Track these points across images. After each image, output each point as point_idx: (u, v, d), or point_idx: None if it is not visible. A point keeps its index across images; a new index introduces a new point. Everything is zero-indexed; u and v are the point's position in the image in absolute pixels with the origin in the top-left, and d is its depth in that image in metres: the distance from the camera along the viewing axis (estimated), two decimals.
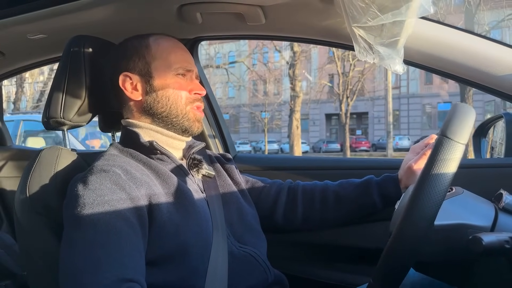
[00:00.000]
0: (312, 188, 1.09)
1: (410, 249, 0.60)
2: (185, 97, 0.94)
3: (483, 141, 1.42)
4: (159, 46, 0.95)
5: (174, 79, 0.94)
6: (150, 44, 0.95)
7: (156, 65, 0.94)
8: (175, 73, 0.94)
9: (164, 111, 0.93)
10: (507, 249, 0.56)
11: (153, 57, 0.94)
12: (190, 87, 0.96)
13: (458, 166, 0.59)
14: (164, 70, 0.94)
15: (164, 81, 0.93)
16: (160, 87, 0.93)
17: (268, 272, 0.95)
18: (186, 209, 0.86)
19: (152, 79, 0.94)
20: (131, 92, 0.94)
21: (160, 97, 0.93)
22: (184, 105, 0.94)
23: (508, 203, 0.68)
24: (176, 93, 0.94)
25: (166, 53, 0.95)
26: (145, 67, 0.94)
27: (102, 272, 0.69)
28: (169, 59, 0.94)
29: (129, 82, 0.94)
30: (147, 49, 0.95)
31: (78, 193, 0.78)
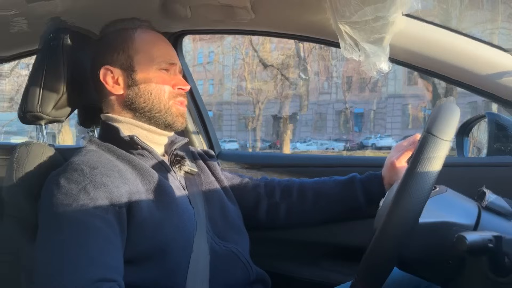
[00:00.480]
0: (289, 184, 1.09)
1: (395, 247, 0.59)
2: (168, 92, 0.92)
3: (466, 140, 1.43)
4: (141, 40, 0.93)
5: (157, 73, 0.92)
6: (132, 37, 0.93)
7: (139, 59, 0.92)
8: (158, 67, 0.92)
9: (146, 106, 0.91)
10: (490, 248, 0.56)
11: (135, 51, 0.92)
12: (173, 81, 0.94)
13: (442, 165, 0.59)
14: (146, 64, 0.92)
15: (147, 75, 0.91)
16: (142, 81, 0.91)
17: (250, 270, 0.94)
18: (167, 206, 0.84)
19: (135, 73, 0.91)
20: (112, 86, 0.92)
21: (142, 91, 0.91)
22: (167, 100, 0.92)
23: (491, 202, 0.68)
24: (159, 87, 0.91)
25: (149, 46, 0.93)
26: (127, 61, 0.92)
27: (78, 272, 0.67)
28: (151, 53, 0.92)
29: (110, 76, 0.92)
30: (129, 43, 0.93)
31: (53, 191, 0.76)
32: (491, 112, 1.25)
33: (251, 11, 1.06)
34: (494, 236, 0.56)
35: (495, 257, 0.59)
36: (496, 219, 0.67)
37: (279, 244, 1.31)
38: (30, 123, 0.98)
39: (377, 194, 0.97)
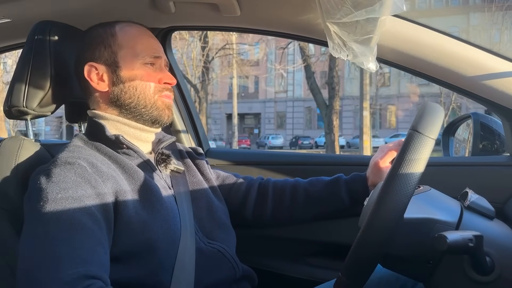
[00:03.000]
0: (283, 185, 1.09)
1: (379, 241, 0.60)
2: (154, 87, 0.91)
3: (451, 140, 1.46)
4: (125, 35, 0.92)
5: (142, 68, 0.91)
6: (116, 33, 0.92)
7: (123, 55, 0.90)
8: (143, 62, 0.91)
9: (132, 102, 0.90)
10: (471, 247, 0.57)
11: (119, 46, 0.91)
12: (159, 76, 0.92)
13: (426, 164, 0.60)
14: (131, 59, 0.90)
15: (132, 71, 0.90)
16: (127, 77, 0.90)
17: (236, 268, 0.94)
18: (153, 205, 0.84)
19: (119, 69, 0.90)
20: (97, 83, 0.91)
21: (128, 87, 0.90)
22: (152, 94, 0.91)
23: (473, 202, 0.70)
24: (144, 83, 0.90)
25: (133, 41, 0.92)
26: (112, 57, 0.90)
27: (63, 268, 0.66)
28: (136, 47, 0.91)
29: (95, 72, 0.91)
30: (113, 38, 0.91)
31: (40, 186, 0.75)
32: (476, 112, 1.27)
33: (237, 8, 1.05)
34: (475, 235, 0.58)
35: (477, 256, 0.60)
36: (477, 218, 0.68)
37: (266, 241, 1.31)
38: (15, 118, 0.97)
39: (361, 195, 0.98)
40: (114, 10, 1.13)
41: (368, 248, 0.61)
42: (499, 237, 0.66)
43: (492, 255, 0.63)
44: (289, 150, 20.76)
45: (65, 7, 1.12)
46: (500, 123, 1.12)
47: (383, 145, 1.03)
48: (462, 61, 0.96)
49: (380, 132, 24.32)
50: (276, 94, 27.83)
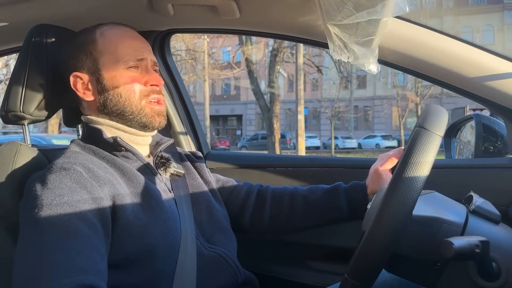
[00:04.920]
0: (281, 192, 1.07)
1: (388, 241, 0.59)
2: (139, 91, 0.89)
3: (453, 141, 1.44)
4: (105, 40, 0.89)
5: (125, 73, 0.88)
6: (96, 39, 0.90)
7: (104, 61, 0.88)
8: (126, 66, 0.88)
9: (119, 109, 0.88)
10: (477, 253, 0.56)
11: (100, 53, 0.89)
12: (144, 79, 0.90)
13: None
14: (113, 65, 0.88)
15: (114, 77, 0.88)
16: (111, 85, 0.88)
17: (238, 273, 0.93)
18: (153, 209, 0.83)
19: (102, 77, 0.88)
20: (83, 92, 0.90)
21: (112, 95, 0.88)
22: (139, 100, 0.89)
23: (478, 206, 0.69)
24: (128, 88, 0.88)
25: (113, 46, 0.89)
26: (94, 65, 0.89)
27: (59, 278, 0.65)
28: (116, 52, 0.88)
29: (80, 82, 0.89)
30: (93, 45, 0.89)
31: (35, 193, 0.74)
32: (478, 113, 1.25)
33: (237, 10, 1.04)
34: (481, 241, 0.56)
35: (483, 262, 0.59)
36: (483, 223, 0.67)
37: (267, 246, 1.30)
38: (12, 123, 0.96)
39: (360, 203, 0.97)
40: (111, 13, 1.12)
41: (376, 248, 0.60)
42: (506, 242, 0.65)
43: (499, 261, 0.61)
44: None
45: (62, 11, 1.10)
46: (503, 124, 1.11)
47: (383, 154, 1.02)
48: (464, 62, 0.95)
49: (356, 134, 24.86)
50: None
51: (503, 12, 21.44)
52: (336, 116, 20.90)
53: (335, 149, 22.02)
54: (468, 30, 21.17)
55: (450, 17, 20.28)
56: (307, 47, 14.42)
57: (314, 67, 15.81)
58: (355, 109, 24.69)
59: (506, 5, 21.44)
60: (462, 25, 20.96)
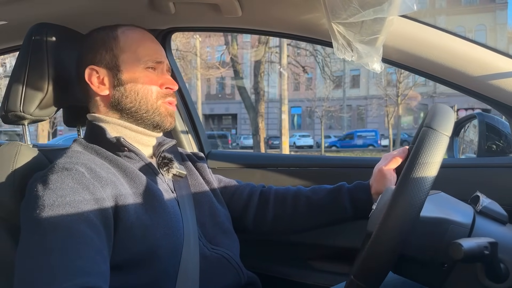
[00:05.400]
0: (284, 193, 1.06)
1: (395, 243, 0.59)
2: (156, 92, 0.90)
3: (456, 140, 1.44)
4: (127, 38, 0.90)
5: (144, 72, 0.89)
6: (118, 36, 0.90)
7: (124, 58, 0.89)
8: (145, 66, 0.90)
9: (133, 106, 0.89)
10: (486, 255, 0.55)
11: (121, 50, 0.89)
12: (161, 81, 0.91)
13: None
14: (132, 63, 0.89)
15: (133, 75, 0.89)
16: (128, 81, 0.88)
17: (241, 274, 0.92)
18: (155, 210, 0.82)
19: (120, 73, 0.89)
20: (97, 86, 0.89)
21: (129, 91, 0.89)
22: (155, 100, 0.90)
23: (486, 206, 0.68)
24: (146, 87, 0.89)
25: (135, 45, 0.90)
26: (113, 60, 0.89)
27: (60, 280, 0.64)
28: (138, 51, 0.90)
29: (96, 76, 0.89)
30: (115, 41, 0.90)
31: (37, 193, 0.73)
32: (481, 112, 1.25)
33: (239, 8, 1.03)
34: (490, 242, 0.56)
35: (491, 263, 0.58)
36: (491, 224, 0.67)
37: (270, 246, 1.29)
38: (12, 123, 0.95)
39: (364, 203, 0.96)
40: (112, 11, 1.11)
41: (383, 250, 0.60)
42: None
43: (507, 262, 0.61)
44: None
45: (62, 9, 1.09)
46: (507, 123, 1.10)
47: (386, 154, 1.01)
48: (468, 61, 0.94)
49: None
50: (252, 95, 28.68)
51: (495, 12, 21.56)
52: (326, 115, 21.32)
53: (331, 147, 22.34)
54: (461, 30, 21.29)
55: (443, 17, 20.40)
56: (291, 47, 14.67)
57: (300, 67, 15.97)
58: (348, 108, 24.88)
59: (498, 5, 21.58)
60: (455, 25, 21.11)
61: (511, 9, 21.02)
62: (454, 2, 21.31)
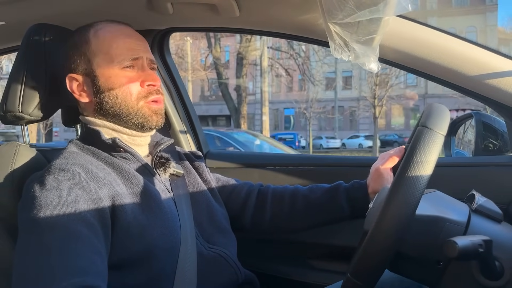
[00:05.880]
0: (282, 192, 1.06)
1: (391, 241, 0.59)
2: (136, 93, 0.87)
3: (453, 139, 1.44)
4: (98, 40, 0.87)
5: (121, 73, 0.86)
6: (89, 39, 0.88)
7: (98, 62, 0.86)
8: (120, 66, 0.86)
9: (115, 110, 0.87)
10: (481, 252, 0.56)
11: (93, 54, 0.87)
12: (141, 78, 0.88)
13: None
14: (107, 65, 0.86)
15: (109, 78, 0.86)
16: (106, 86, 0.86)
17: (239, 273, 0.92)
18: (152, 209, 0.82)
19: (97, 78, 0.86)
20: (79, 94, 0.88)
21: (108, 96, 0.86)
22: (135, 102, 0.87)
23: (481, 204, 0.68)
24: (124, 89, 0.86)
25: (106, 46, 0.87)
26: (88, 66, 0.87)
27: (58, 280, 0.64)
28: (110, 52, 0.86)
29: (76, 84, 0.88)
30: (86, 45, 0.87)
31: (34, 194, 0.73)
32: (478, 112, 1.25)
33: (236, 8, 1.04)
34: (484, 240, 0.56)
35: (486, 261, 0.59)
36: (486, 222, 0.67)
37: (267, 245, 1.30)
38: (10, 123, 0.95)
39: (361, 202, 0.96)
40: (110, 12, 1.11)
41: (379, 249, 0.60)
42: (508, 241, 0.64)
43: (501, 260, 0.61)
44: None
45: (60, 10, 1.10)
46: (503, 122, 1.11)
47: (383, 153, 1.01)
48: (465, 61, 0.94)
49: (341, 134, 25.44)
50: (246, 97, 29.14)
51: (486, 13, 21.66)
52: (314, 117, 21.60)
53: (319, 149, 22.86)
54: (451, 32, 21.38)
55: (434, 19, 20.47)
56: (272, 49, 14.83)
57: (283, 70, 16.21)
58: (340, 109, 25.05)
59: (488, 6, 21.68)
60: (446, 26, 21.27)
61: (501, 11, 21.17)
62: (445, 3, 21.44)
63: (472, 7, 22.03)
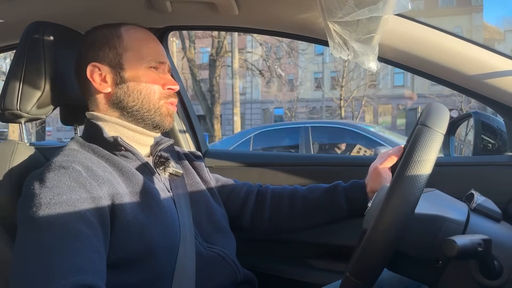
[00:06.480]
0: (281, 192, 1.07)
1: (391, 239, 0.59)
2: (158, 92, 0.90)
3: (452, 139, 1.44)
4: (131, 37, 0.91)
5: (147, 72, 0.90)
6: (121, 34, 0.90)
7: (128, 57, 0.89)
8: (148, 65, 0.90)
9: (135, 105, 0.89)
10: (480, 252, 0.56)
11: (124, 48, 0.89)
12: (163, 81, 0.91)
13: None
14: (136, 62, 0.89)
15: (136, 74, 0.89)
16: (131, 80, 0.89)
17: (237, 272, 0.92)
18: (152, 209, 0.82)
19: (123, 71, 0.89)
20: (99, 84, 0.89)
21: (132, 90, 0.89)
22: (157, 100, 0.90)
23: (480, 204, 0.68)
24: (149, 86, 0.89)
25: (138, 44, 0.90)
26: (116, 58, 0.89)
27: (57, 278, 0.64)
28: (141, 51, 0.90)
29: (98, 73, 0.89)
30: (118, 40, 0.90)
31: (33, 191, 0.73)
32: (477, 111, 1.25)
33: (235, 7, 1.04)
34: (484, 239, 0.56)
35: (485, 260, 0.59)
36: (485, 221, 0.67)
37: (266, 244, 1.30)
38: (9, 121, 0.95)
39: (360, 202, 0.97)
40: (109, 10, 1.11)
41: (378, 248, 0.60)
42: (507, 240, 0.64)
43: (500, 259, 0.61)
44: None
45: (59, 8, 1.09)
46: (502, 122, 1.11)
47: (382, 153, 1.01)
48: (464, 60, 0.94)
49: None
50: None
51: (471, 14, 21.75)
52: (296, 116, 22.25)
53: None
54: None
55: (421, 19, 20.59)
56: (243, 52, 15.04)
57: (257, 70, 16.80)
58: (329, 109, 25.20)
59: (474, 7, 21.77)
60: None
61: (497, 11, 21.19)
62: (431, 4, 21.51)
63: (458, 8, 22.10)
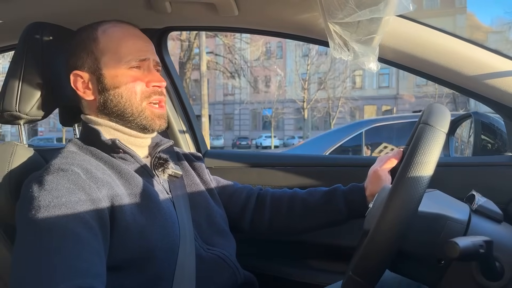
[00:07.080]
0: (281, 195, 1.06)
1: (393, 238, 0.59)
2: (140, 92, 0.87)
3: (451, 139, 1.45)
4: (107, 38, 0.87)
5: (128, 73, 0.86)
6: (98, 38, 0.87)
7: (106, 61, 0.86)
8: (127, 66, 0.86)
9: (118, 110, 0.87)
10: (482, 253, 0.56)
11: (101, 52, 0.87)
12: (147, 79, 0.88)
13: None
14: (114, 65, 0.86)
15: (116, 78, 0.86)
16: (111, 85, 0.86)
17: (238, 274, 0.92)
18: (151, 211, 0.81)
19: (103, 77, 0.86)
20: (83, 91, 0.88)
21: (113, 95, 0.86)
22: (140, 102, 0.87)
23: (481, 205, 0.68)
24: (130, 88, 0.86)
25: (115, 45, 0.87)
26: (95, 64, 0.87)
27: (57, 281, 0.63)
28: (119, 51, 0.86)
29: (81, 81, 0.88)
30: (95, 43, 0.87)
31: (32, 194, 0.72)
32: (477, 112, 1.26)
33: (235, 7, 1.03)
34: (485, 241, 0.56)
35: (487, 262, 0.59)
36: (486, 222, 0.67)
37: (266, 246, 1.30)
38: (8, 123, 0.94)
39: (359, 205, 0.97)
40: (108, 11, 1.10)
41: (381, 248, 0.60)
42: (509, 241, 0.64)
43: (502, 260, 0.61)
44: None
45: (58, 8, 1.09)
46: (502, 122, 1.11)
47: (381, 156, 1.01)
48: (464, 60, 0.94)
49: (315, 133, 25.66)
50: (225, 97, 30.40)
51: (455, 16, 21.86)
52: (276, 117, 23.22)
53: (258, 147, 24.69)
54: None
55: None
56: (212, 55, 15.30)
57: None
58: (315, 109, 25.37)
59: (458, 9, 21.88)
60: None
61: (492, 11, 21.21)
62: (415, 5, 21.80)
63: (442, 9, 22.22)
